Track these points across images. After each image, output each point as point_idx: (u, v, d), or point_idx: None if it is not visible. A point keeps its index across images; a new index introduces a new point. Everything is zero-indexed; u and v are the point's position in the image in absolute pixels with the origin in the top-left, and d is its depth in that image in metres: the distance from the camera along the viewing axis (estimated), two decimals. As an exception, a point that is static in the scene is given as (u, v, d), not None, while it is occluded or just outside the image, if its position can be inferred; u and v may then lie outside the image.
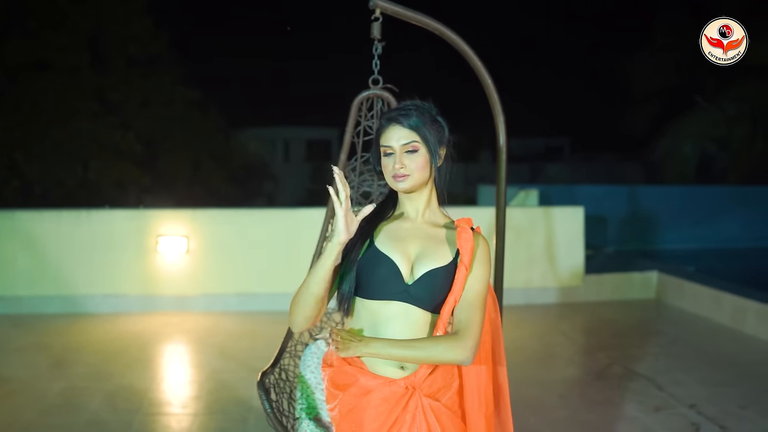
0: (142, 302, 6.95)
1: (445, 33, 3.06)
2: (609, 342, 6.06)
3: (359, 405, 1.90)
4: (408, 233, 1.96)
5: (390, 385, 1.88)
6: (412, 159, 1.92)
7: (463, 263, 1.91)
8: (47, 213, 7.02)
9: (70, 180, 15.90)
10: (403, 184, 1.94)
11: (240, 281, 7.18)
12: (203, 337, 6.16)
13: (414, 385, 1.90)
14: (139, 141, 17.01)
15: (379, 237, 1.95)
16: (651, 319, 6.97)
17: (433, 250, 1.94)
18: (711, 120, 14.79)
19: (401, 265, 1.90)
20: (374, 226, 1.97)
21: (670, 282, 7.47)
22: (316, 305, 1.86)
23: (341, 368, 1.94)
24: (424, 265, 1.91)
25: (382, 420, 1.87)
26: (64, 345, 5.81)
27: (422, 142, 1.93)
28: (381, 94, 3.02)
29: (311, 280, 1.84)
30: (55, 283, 6.87)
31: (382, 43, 2.94)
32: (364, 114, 3.07)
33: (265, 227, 7.32)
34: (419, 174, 1.93)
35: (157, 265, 7.02)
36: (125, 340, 6.02)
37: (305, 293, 1.86)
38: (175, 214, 7.18)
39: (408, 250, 1.93)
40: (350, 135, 3.07)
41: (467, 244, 1.92)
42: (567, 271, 7.56)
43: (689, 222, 10.44)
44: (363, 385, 1.90)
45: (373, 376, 1.90)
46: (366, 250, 1.92)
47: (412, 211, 2.00)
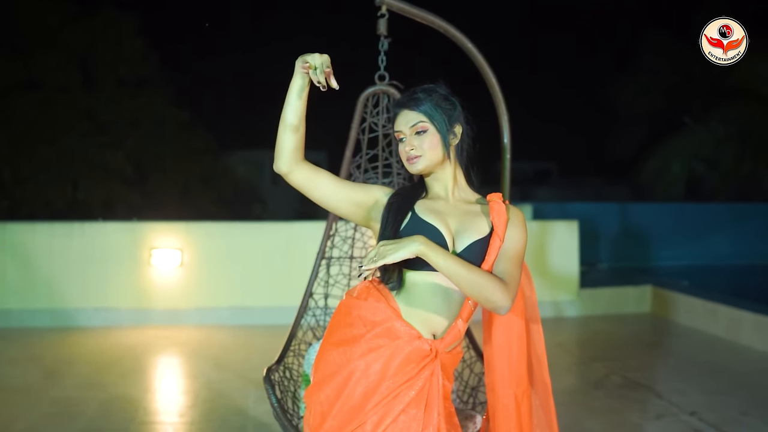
0: (135, 316, 6.87)
1: (450, 31, 3.08)
2: (606, 353, 6.05)
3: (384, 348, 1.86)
4: (444, 209, 1.97)
5: (418, 340, 1.87)
6: (422, 139, 1.94)
7: (497, 234, 1.92)
8: (39, 225, 6.95)
9: (60, 200, 15.78)
10: (416, 165, 1.95)
11: (234, 294, 7.12)
12: (197, 350, 6.08)
13: (437, 351, 1.89)
14: (128, 161, 16.94)
15: (418, 209, 1.95)
16: (647, 332, 6.96)
17: (471, 224, 1.95)
18: (699, 140, 14.92)
19: (445, 235, 1.90)
20: (412, 201, 1.97)
21: (664, 296, 7.48)
22: (291, 134, 1.87)
23: (376, 304, 1.91)
24: (466, 237, 1.92)
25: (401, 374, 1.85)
26: (56, 357, 5.72)
27: (430, 122, 1.94)
28: (387, 90, 3.02)
29: (285, 108, 1.87)
30: (46, 296, 6.78)
31: (388, 40, 2.95)
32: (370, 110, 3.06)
33: (260, 240, 7.28)
34: (431, 153, 1.94)
35: (151, 278, 6.95)
36: (118, 352, 5.94)
37: (281, 123, 1.88)
38: (169, 226, 7.13)
39: (448, 223, 1.94)
40: (356, 131, 3.06)
41: (501, 216, 1.95)
42: (562, 285, 7.55)
43: (681, 239, 10.48)
44: (393, 328, 1.87)
45: (406, 324, 1.88)
46: (408, 221, 1.92)
47: (441, 190, 2.01)
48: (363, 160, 3.18)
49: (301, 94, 1.85)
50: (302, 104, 1.87)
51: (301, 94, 1.85)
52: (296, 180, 1.91)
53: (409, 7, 2.93)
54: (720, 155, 14.83)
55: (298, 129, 1.87)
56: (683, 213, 11.13)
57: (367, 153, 3.14)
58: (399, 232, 1.89)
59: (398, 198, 1.96)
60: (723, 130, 14.79)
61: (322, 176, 1.92)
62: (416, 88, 2.01)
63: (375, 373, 1.84)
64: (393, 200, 1.95)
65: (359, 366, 1.85)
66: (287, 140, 1.87)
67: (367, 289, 1.96)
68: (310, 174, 1.91)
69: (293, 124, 1.86)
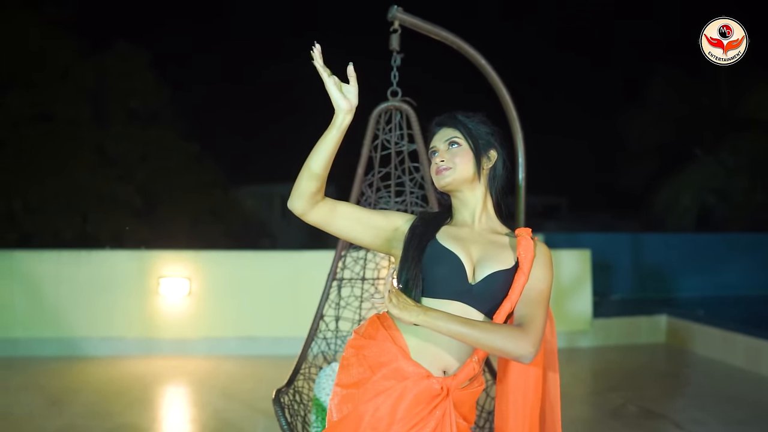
0: (142, 345, 6.78)
1: (463, 47, 3.04)
2: (621, 383, 5.91)
3: (392, 390, 1.77)
4: (468, 236, 1.90)
5: (427, 379, 1.78)
6: (454, 152, 1.90)
7: (523, 270, 1.83)
8: (47, 253, 6.91)
9: (68, 232, 15.78)
10: (445, 178, 1.90)
11: (242, 324, 7.02)
12: (204, 379, 5.98)
13: (449, 389, 1.80)
14: (138, 194, 16.99)
15: (440, 236, 1.88)
16: (662, 362, 6.82)
17: (495, 253, 1.87)
18: (710, 172, 14.86)
19: (466, 263, 1.83)
20: (435, 228, 1.90)
21: (679, 325, 7.34)
22: (314, 182, 1.79)
23: (383, 344, 1.82)
24: (487, 266, 1.83)
25: (411, 415, 1.76)
26: (62, 386, 5.63)
27: (464, 138, 1.91)
28: (400, 106, 2.97)
29: (313, 155, 1.78)
30: (53, 325, 6.71)
31: (401, 55, 2.91)
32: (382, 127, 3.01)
33: (269, 269, 7.21)
34: (461, 168, 1.89)
35: (158, 308, 6.88)
36: (125, 381, 5.84)
37: (305, 168, 1.79)
38: (177, 255, 7.08)
39: (470, 251, 1.86)
40: (368, 149, 3.01)
41: (528, 252, 1.86)
42: (574, 316, 7.43)
43: (693, 270, 10.34)
44: (401, 369, 1.78)
45: (414, 364, 1.79)
46: (428, 248, 1.84)
47: (468, 216, 1.95)
48: (375, 179, 3.12)
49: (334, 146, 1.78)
50: (332, 155, 1.79)
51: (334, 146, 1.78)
52: (312, 220, 1.86)
53: (421, 23, 2.90)
54: (731, 186, 14.75)
55: (322, 178, 1.80)
56: (695, 243, 11.01)
57: (380, 171, 3.08)
58: (422, 258, 1.83)
59: (422, 223, 1.90)
60: (733, 161, 14.72)
61: (339, 211, 1.86)
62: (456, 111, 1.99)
63: (384, 417, 1.76)
64: (417, 225, 1.90)
65: (368, 410, 1.77)
66: (309, 186, 1.80)
67: (375, 325, 1.89)
68: (326, 212, 1.85)
69: (319, 173, 1.79)
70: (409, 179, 3.10)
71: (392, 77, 2.92)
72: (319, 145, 1.77)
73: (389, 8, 2.87)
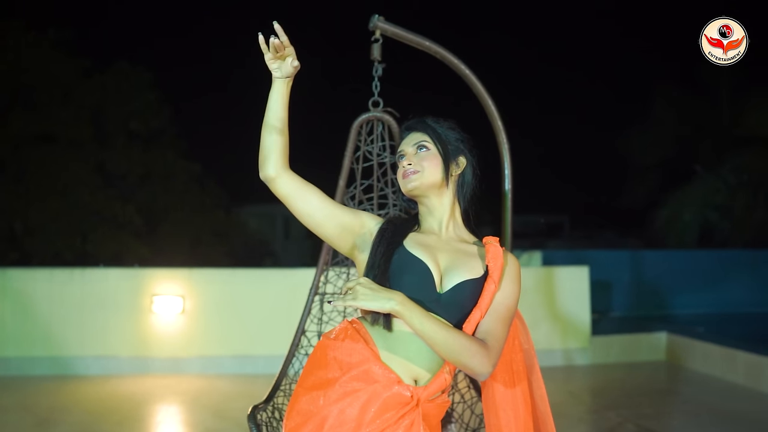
0: (135, 364, 6.71)
1: (447, 57, 3.00)
2: (619, 401, 5.81)
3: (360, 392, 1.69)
4: (435, 244, 1.84)
5: (398, 385, 1.70)
6: (422, 156, 1.86)
7: (492, 279, 1.77)
8: (39, 271, 6.87)
9: (68, 252, 15.74)
10: (413, 182, 1.85)
11: (237, 342, 6.95)
12: (198, 398, 5.91)
13: (419, 399, 1.73)
14: (138, 214, 16.96)
15: (407, 243, 1.81)
16: (662, 380, 6.72)
17: (463, 262, 1.81)
18: (711, 188, 14.80)
19: (433, 271, 1.76)
20: (403, 233, 1.84)
21: (679, 342, 7.25)
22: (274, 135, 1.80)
23: (353, 345, 1.75)
24: (455, 275, 1.77)
25: (378, 421, 1.68)
26: (51, 405, 5.56)
27: (432, 142, 1.87)
28: (381, 116, 2.93)
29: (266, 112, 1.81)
30: (44, 344, 6.64)
31: (383, 65, 2.88)
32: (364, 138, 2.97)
33: (264, 287, 7.14)
34: (429, 172, 1.84)
35: (152, 326, 6.82)
36: (116, 400, 5.77)
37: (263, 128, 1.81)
38: (170, 273, 7.02)
39: (437, 259, 1.80)
40: (349, 160, 2.96)
41: (497, 259, 1.80)
42: (573, 333, 7.34)
43: (694, 286, 10.24)
44: (371, 371, 1.70)
45: (385, 367, 1.71)
46: (395, 255, 1.78)
47: (435, 224, 1.89)
48: (357, 191, 3.07)
49: (279, 98, 1.80)
50: (282, 108, 1.80)
51: (279, 98, 1.80)
52: (283, 187, 1.80)
53: (403, 32, 2.87)
54: (732, 203, 14.68)
55: (281, 132, 1.79)
56: (696, 260, 10.91)
57: (362, 183, 3.03)
58: (390, 265, 1.77)
59: (390, 227, 1.84)
60: (734, 178, 14.67)
61: (310, 188, 1.82)
62: (426, 116, 1.96)
63: (350, 420, 1.68)
64: (386, 228, 1.84)
65: (332, 412, 1.69)
66: (271, 142, 1.78)
67: (345, 330, 1.81)
68: (298, 183, 1.80)
69: (276, 126, 1.79)
70: (392, 191, 3.05)
71: (373, 87, 2.88)
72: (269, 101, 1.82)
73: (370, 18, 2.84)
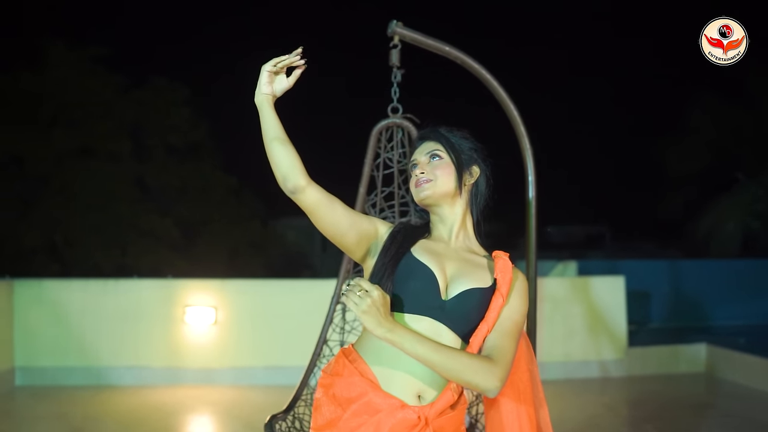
0: (167, 375, 6.75)
1: (467, 62, 2.96)
2: (656, 414, 5.67)
3: (365, 426, 1.64)
4: (443, 251, 1.80)
5: (402, 410, 1.65)
6: (435, 165, 1.83)
7: (500, 292, 1.73)
8: (74, 282, 6.96)
9: (108, 264, 16.00)
10: (424, 191, 1.82)
11: (269, 353, 6.95)
12: (229, 409, 5.92)
13: (427, 418, 1.67)
14: (176, 226, 17.18)
15: (415, 249, 1.78)
16: (701, 393, 6.54)
17: (471, 271, 1.77)
18: (753, 196, 14.46)
19: (439, 278, 1.72)
20: (412, 241, 1.80)
21: (720, 354, 7.05)
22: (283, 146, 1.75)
23: (349, 379, 1.70)
24: (461, 283, 1.73)
25: None
26: (84, 414, 5.62)
27: (446, 151, 1.84)
28: (401, 123, 2.90)
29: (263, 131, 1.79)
30: (78, 354, 6.72)
31: (402, 71, 2.85)
32: (384, 145, 2.94)
33: (296, 298, 7.14)
34: (441, 181, 1.81)
35: (184, 337, 6.86)
36: (147, 410, 5.81)
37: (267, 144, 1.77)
38: (203, 284, 7.06)
39: (444, 266, 1.76)
40: (369, 168, 2.93)
41: (506, 273, 1.75)
42: (608, 344, 7.19)
43: (735, 297, 9.97)
44: (372, 402, 1.65)
45: (385, 395, 1.66)
46: (402, 261, 1.75)
47: (445, 232, 1.86)
48: (378, 198, 3.04)
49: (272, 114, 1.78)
50: (279, 122, 1.78)
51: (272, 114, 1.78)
52: (311, 197, 1.74)
53: (422, 38, 2.84)
54: (776, 211, 14.33)
55: (289, 143, 1.75)
56: (737, 270, 10.61)
57: (383, 191, 3.00)
58: (396, 270, 1.74)
59: (401, 233, 1.82)
60: (777, 184, 14.34)
61: (333, 198, 1.77)
62: (439, 125, 1.94)
63: None
64: (397, 232, 1.81)
65: None
66: (287, 153, 1.73)
67: (340, 361, 1.77)
68: (323, 192, 1.75)
69: (282, 137, 1.74)
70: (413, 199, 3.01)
71: (392, 93, 2.86)
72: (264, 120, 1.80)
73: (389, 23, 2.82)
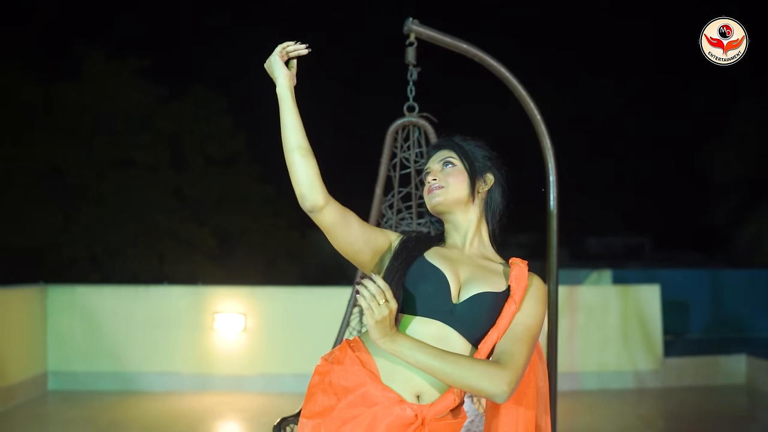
0: (197, 381, 6.77)
1: (486, 60, 2.90)
2: (693, 427, 5.50)
3: (361, 417, 1.59)
4: (457, 257, 1.76)
5: (399, 405, 1.59)
6: (447, 172, 1.80)
7: (513, 299, 1.67)
8: (106, 288, 7.04)
9: (146, 273, 16.19)
10: (436, 197, 1.78)
11: (298, 361, 6.92)
12: (257, 416, 5.91)
13: (424, 418, 1.61)
14: (214, 236, 17.33)
15: (428, 254, 1.74)
16: (740, 405, 6.34)
17: (485, 276, 1.72)
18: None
19: (451, 281, 1.67)
20: (425, 246, 1.77)
21: (761, 366, 6.82)
22: (305, 157, 1.66)
23: (350, 368, 1.65)
24: (474, 287, 1.68)
25: None
26: (112, 419, 5.66)
27: (459, 158, 1.81)
28: (417, 122, 2.85)
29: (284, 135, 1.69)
30: (109, 359, 6.77)
31: (418, 69, 2.80)
32: (400, 144, 2.89)
33: (325, 305, 7.08)
34: (454, 188, 1.77)
35: (213, 343, 6.87)
36: (175, 416, 5.82)
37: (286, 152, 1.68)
38: (232, 291, 7.08)
39: (458, 270, 1.71)
40: (385, 167, 2.89)
41: (521, 280, 1.70)
42: (643, 354, 7.01)
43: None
44: (369, 394, 1.60)
45: (384, 388, 1.61)
46: (414, 264, 1.71)
47: (459, 239, 1.81)
48: (395, 199, 2.98)
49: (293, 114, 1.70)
50: (301, 124, 1.70)
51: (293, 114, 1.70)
52: (330, 215, 1.69)
53: (439, 35, 2.79)
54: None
55: (311, 152, 1.68)
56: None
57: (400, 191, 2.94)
58: (406, 273, 1.70)
59: (414, 238, 1.79)
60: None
61: (350, 213, 1.73)
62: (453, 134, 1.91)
63: None
64: (409, 239, 1.78)
65: None
66: (308, 166, 1.66)
67: (343, 350, 1.73)
68: (341, 209, 1.71)
69: (304, 146, 1.67)
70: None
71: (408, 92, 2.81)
72: (282, 123, 1.71)
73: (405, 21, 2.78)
